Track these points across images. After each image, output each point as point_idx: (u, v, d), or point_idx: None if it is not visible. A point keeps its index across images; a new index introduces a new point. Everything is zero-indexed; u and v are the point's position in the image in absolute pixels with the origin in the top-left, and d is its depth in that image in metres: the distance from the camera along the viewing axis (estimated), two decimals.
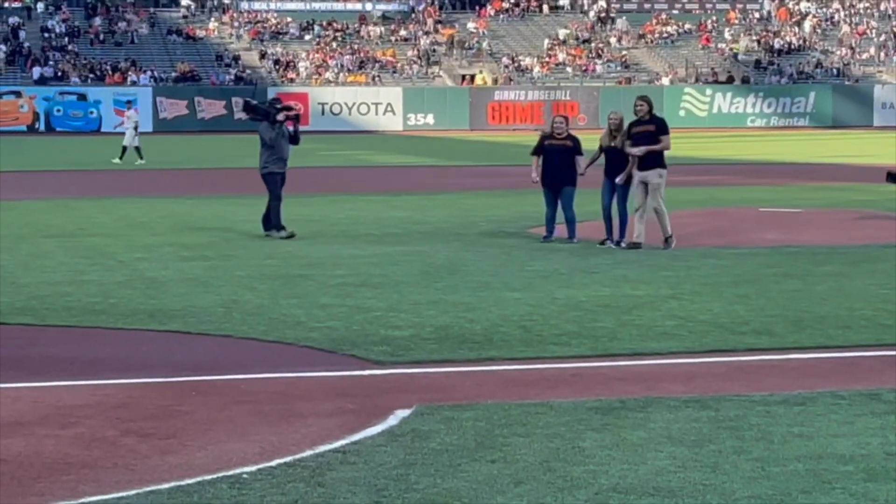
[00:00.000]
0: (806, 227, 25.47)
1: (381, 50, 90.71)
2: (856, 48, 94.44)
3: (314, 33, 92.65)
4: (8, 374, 12.19)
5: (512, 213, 27.23)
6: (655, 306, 15.97)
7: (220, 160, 50.52)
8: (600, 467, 8.96)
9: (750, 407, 10.65)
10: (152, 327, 14.93)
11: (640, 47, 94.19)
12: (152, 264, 20.32)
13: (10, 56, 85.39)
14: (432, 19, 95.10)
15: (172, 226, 26.12)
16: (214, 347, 13.86)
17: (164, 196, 33.80)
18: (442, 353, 13.19)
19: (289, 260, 20.64)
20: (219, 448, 9.59)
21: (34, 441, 9.86)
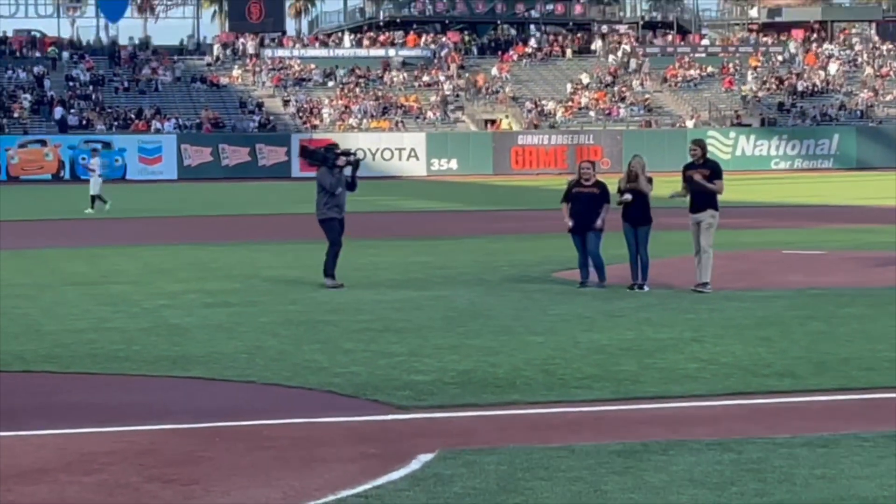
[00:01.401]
0: (830, 270, 25.42)
1: (403, 95, 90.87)
2: (879, 90, 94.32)
3: (337, 80, 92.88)
4: (32, 422, 12.22)
5: (535, 258, 27.23)
6: (678, 349, 15.93)
7: (244, 207, 50.62)
8: None
9: (773, 449, 10.62)
10: (176, 374, 14.94)
11: (664, 91, 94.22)
12: (176, 311, 20.34)
13: (34, 105, 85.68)
14: (455, 65, 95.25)
15: (196, 272, 26.16)
16: (238, 393, 13.85)
17: (187, 243, 33.85)
18: (464, 398, 13.15)
19: (312, 305, 20.65)
20: (242, 493, 9.61)
21: (58, 488, 9.89)
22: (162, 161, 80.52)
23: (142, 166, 79.85)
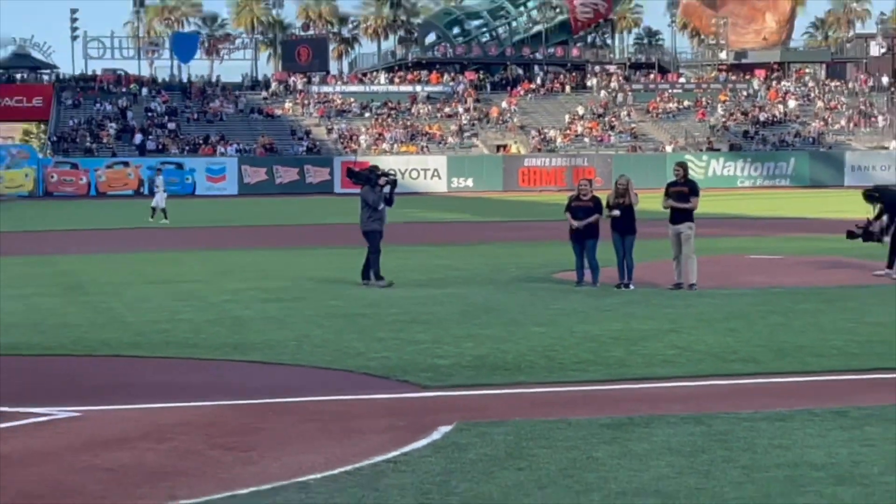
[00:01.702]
0: (787, 272, 25.39)
1: (428, 125, 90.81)
2: (828, 121, 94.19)
3: (372, 111, 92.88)
4: (115, 399, 12.30)
5: (538, 261, 27.22)
6: (658, 338, 15.94)
7: (294, 218, 50.60)
8: (610, 474, 8.97)
9: (737, 423, 10.64)
10: (236, 358, 15.01)
11: (647, 121, 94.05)
12: (237, 305, 20.39)
13: (119, 132, 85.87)
14: (471, 98, 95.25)
15: (254, 273, 26.19)
16: (288, 374, 13.92)
17: (247, 248, 33.92)
18: (478, 379, 13.23)
19: (351, 301, 20.66)
20: (291, 459, 9.65)
21: (137, 454, 9.93)
22: (225, 179, 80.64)
23: (209, 184, 79.97)
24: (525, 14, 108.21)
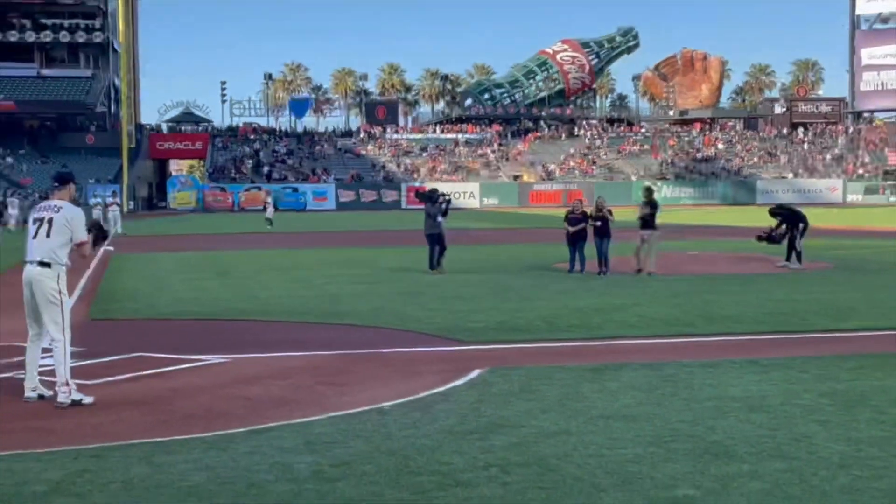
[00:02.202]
0: (715, 263, 25.32)
1: (466, 161, 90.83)
2: (745, 159, 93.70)
3: (428, 151, 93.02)
4: (249, 350, 12.38)
5: (543, 256, 27.19)
6: (626, 310, 15.88)
7: (373, 225, 50.76)
8: (592, 403, 8.98)
9: (680, 369, 10.64)
10: (334, 322, 15.07)
11: (619, 158, 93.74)
12: (333, 286, 20.45)
13: (253, 167, 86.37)
14: (496, 143, 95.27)
15: (345, 264, 26.29)
16: (370, 334, 13.92)
17: (340, 247, 34.02)
18: (500, 337, 13.27)
19: (412, 283, 20.70)
20: (372, 391, 9.71)
21: (266, 388, 10.01)
22: (326, 199, 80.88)
23: (315, 202, 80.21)
24: (534, 84, 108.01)
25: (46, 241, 9.25)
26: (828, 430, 7.94)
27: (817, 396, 9.17)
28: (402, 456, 7.30)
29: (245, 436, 7.99)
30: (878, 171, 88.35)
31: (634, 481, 6.64)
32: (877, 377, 10.06)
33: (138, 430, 8.23)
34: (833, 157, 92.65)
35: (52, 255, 9.25)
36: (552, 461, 7.13)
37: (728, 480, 6.63)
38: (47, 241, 9.25)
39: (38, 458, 7.40)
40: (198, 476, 6.88)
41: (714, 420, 8.27)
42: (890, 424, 8.13)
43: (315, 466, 7.07)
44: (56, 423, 8.57)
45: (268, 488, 6.58)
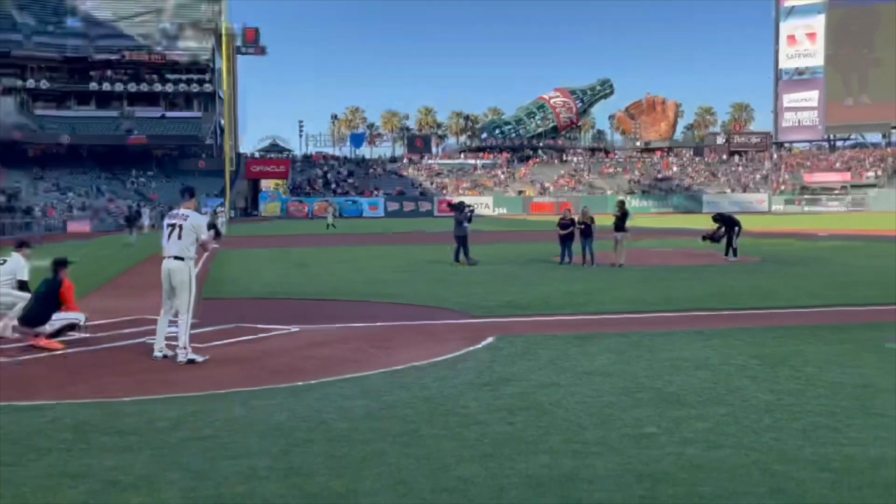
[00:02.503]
0: (670, 258, 25.14)
1: (482, 179, 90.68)
2: (694, 178, 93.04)
3: (455, 173, 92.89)
4: (321, 321, 12.41)
5: (542, 252, 27.08)
6: (604, 292, 15.78)
7: (412, 228, 50.81)
8: (577, 362, 8.95)
9: (644, 336, 10.58)
10: (382, 300, 15.02)
11: (598, 177, 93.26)
12: (381, 273, 20.42)
13: (323, 184, 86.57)
14: (505, 167, 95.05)
15: (390, 257, 26.31)
16: (409, 309, 13.87)
17: (388, 244, 34.07)
18: (508, 312, 13.16)
19: (441, 272, 20.66)
20: (411, 352, 9.71)
21: (330, 350, 10.04)
22: (378, 209, 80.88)
23: (369, 211, 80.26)
24: (534, 122, 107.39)
25: (178, 241, 9.46)
26: (756, 384, 7.90)
27: (748, 358, 9.12)
28: (433, 402, 7.32)
29: (316, 386, 8.03)
30: (796, 188, 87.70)
31: (609, 421, 6.63)
32: (794, 344, 9.98)
33: (236, 381, 8.29)
34: (761, 177, 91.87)
35: (185, 252, 9.45)
36: (547, 406, 7.13)
37: (681, 421, 6.61)
38: (179, 242, 9.46)
39: (162, 402, 7.47)
40: (280, 416, 6.92)
41: (670, 376, 8.23)
42: (804, 380, 8.08)
43: (368, 409, 7.11)
44: (176, 376, 8.64)
45: (333, 425, 6.61)
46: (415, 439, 6.17)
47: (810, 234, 37.67)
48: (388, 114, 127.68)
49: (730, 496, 4.99)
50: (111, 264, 24.98)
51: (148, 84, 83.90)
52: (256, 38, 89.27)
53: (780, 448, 5.91)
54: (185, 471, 5.53)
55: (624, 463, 5.58)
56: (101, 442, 6.23)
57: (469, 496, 5.01)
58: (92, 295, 15.93)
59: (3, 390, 8.04)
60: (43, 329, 10.41)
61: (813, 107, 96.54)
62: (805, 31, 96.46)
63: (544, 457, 5.73)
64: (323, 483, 5.26)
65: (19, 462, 5.77)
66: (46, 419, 6.90)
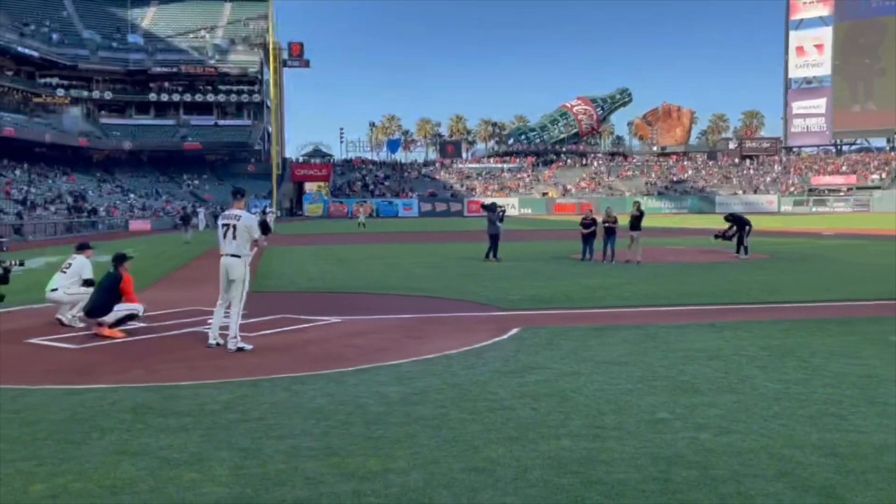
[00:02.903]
0: (685, 255, 24.88)
1: (509, 182, 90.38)
2: (707, 181, 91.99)
3: (483, 176, 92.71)
4: (359, 313, 12.42)
5: (563, 249, 26.98)
6: (621, 287, 15.64)
7: (443, 227, 50.83)
8: (597, 352, 8.87)
9: (660, 329, 10.49)
10: (415, 294, 15.03)
11: (617, 180, 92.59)
12: (414, 268, 20.42)
13: (361, 186, 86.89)
14: (530, 169, 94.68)
15: (423, 253, 26.31)
16: (442, 302, 13.85)
17: (421, 242, 34.09)
18: (532, 305, 13.10)
19: (470, 268, 20.61)
20: (441, 343, 9.69)
21: (368, 340, 10.04)
22: (412, 209, 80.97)
23: (404, 211, 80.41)
24: (557, 128, 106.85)
25: (234, 241, 9.56)
26: (765, 374, 7.79)
27: (758, 349, 8.99)
28: (462, 388, 7.31)
29: (354, 373, 8.05)
30: (804, 190, 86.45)
31: (627, 408, 6.57)
32: (801, 336, 9.83)
33: (281, 368, 8.34)
34: (771, 180, 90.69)
35: (240, 250, 9.55)
36: (568, 393, 7.08)
37: (694, 408, 6.53)
38: (235, 241, 9.56)
39: (214, 386, 7.54)
40: (321, 400, 6.95)
41: (683, 365, 8.14)
42: (810, 369, 7.96)
43: (402, 394, 7.11)
44: (227, 362, 8.71)
45: (369, 409, 6.62)
46: (445, 423, 6.16)
47: (817, 233, 37.12)
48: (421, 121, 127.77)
49: (740, 478, 4.93)
50: (168, 260, 25.27)
51: (202, 94, 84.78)
52: (301, 51, 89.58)
53: (788, 434, 5.82)
54: (234, 450, 5.57)
55: (640, 446, 5.53)
56: (157, 423, 6.30)
57: (495, 476, 4.99)
58: (150, 287, 16.12)
59: (71, 375, 8.17)
60: (105, 319, 10.55)
61: (821, 113, 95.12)
62: (813, 42, 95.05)
63: (566, 440, 5.69)
64: (360, 462, 5.27)
65: (84, 441, 5.85)
66: (108, 401, 6.99)
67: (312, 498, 4.67)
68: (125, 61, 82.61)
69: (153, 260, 24.61)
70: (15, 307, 13.34)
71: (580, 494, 4.67)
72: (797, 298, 13.72)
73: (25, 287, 15.94)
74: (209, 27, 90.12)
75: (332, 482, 4.91)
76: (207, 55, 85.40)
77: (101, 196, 66.63)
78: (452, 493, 4.70)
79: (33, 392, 7.37)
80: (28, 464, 5.33)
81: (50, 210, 54.44)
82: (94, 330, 10.57)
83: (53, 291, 11.65)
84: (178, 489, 4.84)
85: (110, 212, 61.30)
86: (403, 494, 4.69)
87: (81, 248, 12.23)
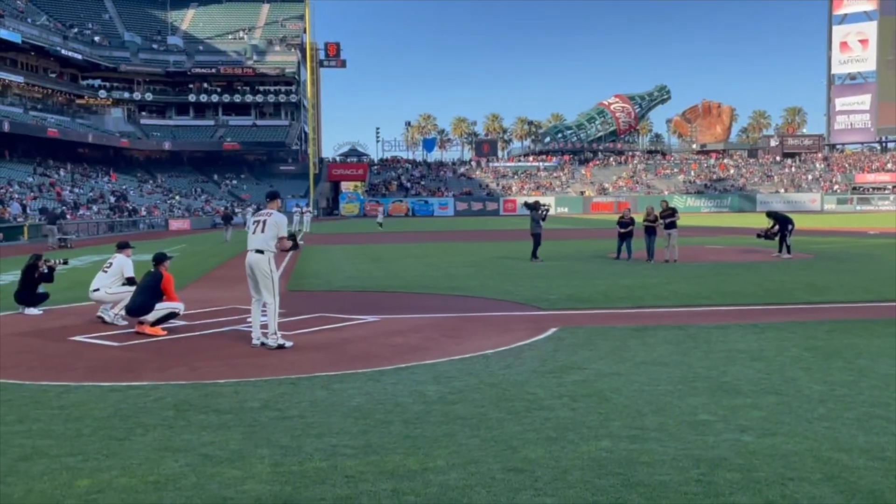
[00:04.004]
0: (725, 254, 24.51)
1: (545, 181, 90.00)
2: (748, 178, 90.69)
3: (519, 174, 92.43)
4: (395, 312, 12.46)
5: (600, 248, 26.79)
6: (660, 287, 15.48)
7: (480, 226, 50.75)
8: (636, 353, 8.79)
9: (701, 329, 10.35)
10: (451, 293, 15.01)
11: (655, 178, 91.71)
12: (452, 268, 20.40)
13: (398, 186, 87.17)
14: (567, 168, 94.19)
15: (460, 252, 26.30)
16: (479, 301, 13.83)
17: (457, 241, 34.07)
18: (570, 305, 13.02)
19: (509, 268, 20.57)
20: (478, 341, 9.67)
21: (405, 339, 10.05)
22: (448, 208, 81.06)
23: (440, 210, 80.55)
24: (594, 126, 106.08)
25: (261, 235, 9.59)
26: (809, 375, 7.65)
27: (802, 350, 8.84)
28: (500, 387, 7.29)
29: (392, 372, 8.07)
30: (848, 188, 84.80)
31: (667, 409, 6.50)
32: (847, 337, 9.64)
33: (320, 366, 8.40)
34: (813, 178, 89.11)
35: (265, 245, 9.57)
36: (607, 393, 7.03)
37: (735, 409, 6.44)
38: (262, 235, 9.59)
39: (254, 384, 7.61)
40: (359, 398, 6.98)
41: (725, 366, 8.03)
42: (856, 371, 7.80)
43: (440, 393, 7.11)
44: (266, 361, 8.80)
45: (407, 407, 6.63)
46: (483, 422, 6.15)
47: (861, 233, 36.37)
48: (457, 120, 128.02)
49: (785, 482, 4.84)
50: (207, 258, 25.60)
51: (240, 95, 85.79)
52: (338, 52, 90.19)
53: (834, 437, 5.70)
54: (273, 447, 5.62)
55: (682, 448, 5.46)
56: (198, 419, 6.38)
57: (535, 476, 4.97)
58: (190, 286, 16.34)
59: (113, 372, 8.31)
60: (147, 318, 10.72)
61: (865, 110, 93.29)
62: (857, 37, 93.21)
63: (605, 441, 5.65)
64: (399, 461, 5.28)
65: (127, 437, 5.95)
66: (151, 398, 7.10)
67: (352, 496, 4.69)
68: (165, 63, 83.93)
69: (193, 259, 24.95)
70: (59, 305, 13.63)
71: (621, 496, 4.63)
72: (842, 299, 13.46)
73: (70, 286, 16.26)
74: (247, 28, 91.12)
75: (372, 480, 4.93)
76: (245, 56, 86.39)
77: (141, 196, 67.76)
78: (491, 494, 4.68)
79: (77, 389, 7.52)
80: (73, 459, 5.44)
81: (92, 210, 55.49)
82: (135, 328, 10.75)
83: (95, 292, 11.87)
84: (219, 486, 4.89)
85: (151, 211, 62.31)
86: (442, 494, 4.70)
87: (122, 247, 12.44)
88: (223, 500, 4.66)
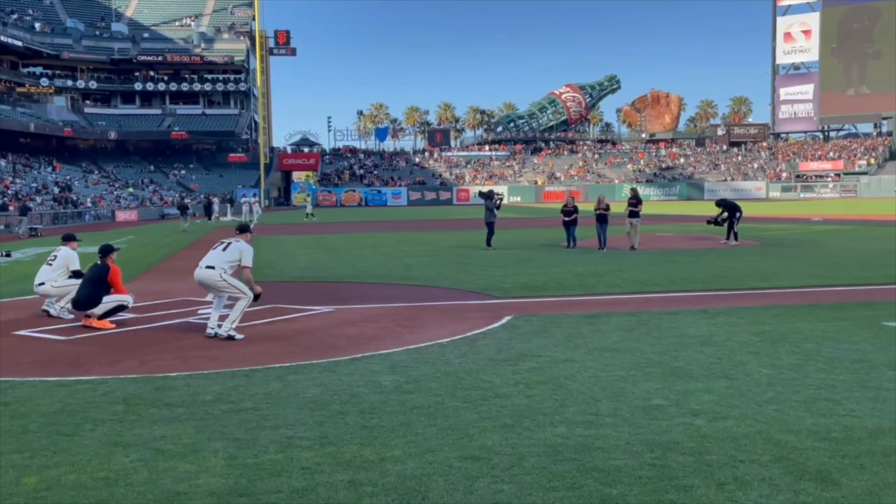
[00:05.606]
0: (674, 241, 24.90)
1: (497, 170, 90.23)
2: (696, 167, 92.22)
3: (471, 164, 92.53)
4: (349, 302, 12.37)
5: (552, 237, 26.97)
6: (613, 274, 15.65)
7: (433, 216, 50.69)
8: (590, 339, 8.86)
9: (652, 315, 10.48)
10: (407, 283, 14.98)
11: (605, 167, 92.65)
12: (407, 257, 20.38)
13: (350, 176, 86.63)
14: (520, 157, 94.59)
15: (414, 242, 26.26)
16: (434, 290, 13.82)
17: (412, 231, 33.99)
18: (524, 293, 13.09)
19: (462, 257, 20.59)
20: (432, 332, 9.66)
21: (360, 329, 9.99)
22: (401, 198, 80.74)
23: (393, 200, 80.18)
24: (546, 116, 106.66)
25: (222, 254, 9.69)
26: (758, 359, 7.81)
27: (750, 335, 9.02)
28: (456, 376, 7.29)
29: (347, 362, 8.02)
30: (792, 176, 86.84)
31: (621, 394, 6.57)
32: (793, 321, 9.88)
33: (274, 357, 8.31)
34: (759, 166, 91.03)
35: (219, 264, 9.59)
36: (562, 380, 7.08)
37: (687, 394, 6.55)
38: (222, 254, 9.68)
39: (206, 377, 7.50)
40: (315, 389, 6.92)
41: (676, 351, 8.15)
42: (802, 355, 7.99)
43: (396, 383, 7.09)
44: (219, 353, 8.67)
45: (363, 398, 6.60)
46: (440, 411, 6.15)
47: (805, 219, 37.29)
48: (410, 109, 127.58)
49: (736, 464, 4.94)
50: (156, 250, 25.13)
51: (188, 83, 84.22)
52: (287, 40, 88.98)
53: (783, 419, 5.84)
54: (227, 440, 5.54)
55: (636, 433, 5.53)
56: (150, 413, 6.26)
57: (491, 463, 4.98)
58: (139, 278, 16.02)
59: (60, 367, 8.11)
60: (94, 311, 10.48)
61: (808, 99, 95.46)
62: (801, 28, 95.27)
63: (561, 427, 5.69)
64: (355, 452, 5.25)
65: (76, 432, 5.81)
66: (99, 393, 6.94)
67: (308, 488, 4.65)
68: (109, 50, 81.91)
69: (142, 250, 24.46)
70: (2, 299, 13.24)
71: (577, 481, 4.67)
72: (788, 284, 13.78)
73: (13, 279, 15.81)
74: (194, 15, 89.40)
75: (328, 472, 4.89)
76: (193, 44, 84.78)
77: (87, 186, 66.15)
78: (449, 482, 4.69)
79: (23, 384, 7.32)
80: (20, 456, 5.29)
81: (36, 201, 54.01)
82: (82, 322, 10.50)
83: (41, 286, 11.56)
84: (173, 480, 4.81)
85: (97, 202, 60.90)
86: (400, 483, 4.68)
87: (67, 239, 12.12)
88: (176, 495, 4.58)
